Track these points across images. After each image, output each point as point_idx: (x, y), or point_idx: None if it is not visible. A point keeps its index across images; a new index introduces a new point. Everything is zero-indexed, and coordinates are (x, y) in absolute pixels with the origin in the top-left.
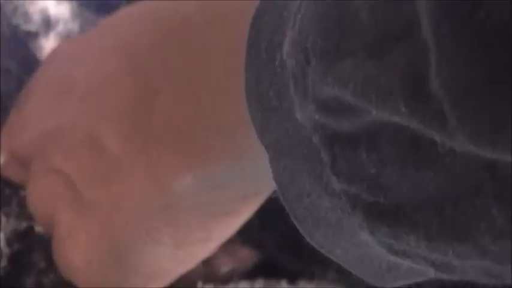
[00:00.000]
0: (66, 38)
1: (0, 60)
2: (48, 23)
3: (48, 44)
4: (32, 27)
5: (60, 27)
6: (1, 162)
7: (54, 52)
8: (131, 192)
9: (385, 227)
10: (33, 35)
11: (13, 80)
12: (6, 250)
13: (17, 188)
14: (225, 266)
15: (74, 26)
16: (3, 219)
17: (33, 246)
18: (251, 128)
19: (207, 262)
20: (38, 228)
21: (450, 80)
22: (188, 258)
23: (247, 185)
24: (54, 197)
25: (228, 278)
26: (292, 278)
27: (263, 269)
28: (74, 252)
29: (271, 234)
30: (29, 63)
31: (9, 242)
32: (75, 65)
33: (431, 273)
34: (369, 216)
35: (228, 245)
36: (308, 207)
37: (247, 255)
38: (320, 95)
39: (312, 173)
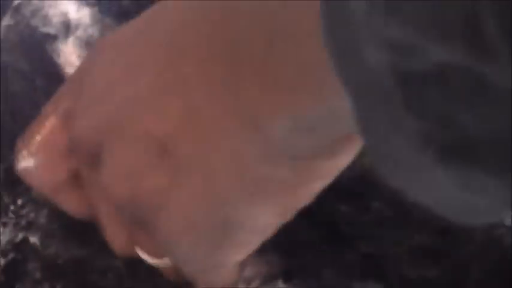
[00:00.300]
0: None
1: (16, 62)
2: (68, 27)
3: (66, 49)
4: (50, 30)
5: (79, 32)
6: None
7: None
8: (230, 145)
9: (459, 162)
10: (52, 38)
11: (27, 81)
12: (0, 260)
13: (15, 196)
14: (250, 269)
15: (94, 31)
16: (1, 229)
17: (28, 256)
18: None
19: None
20: (33, 239)
21: (506, 16)
22: (293, 203)
23: (341, 126)
24: (144, 165)
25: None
26: (288, 277)
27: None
28: (175, 219)
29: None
30: (44, 66)
31: (3, 253)
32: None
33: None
34: (440, 154)
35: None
36: (386, 148)
37: (273, 260)
38: (388, 35)
39: (388, 114)
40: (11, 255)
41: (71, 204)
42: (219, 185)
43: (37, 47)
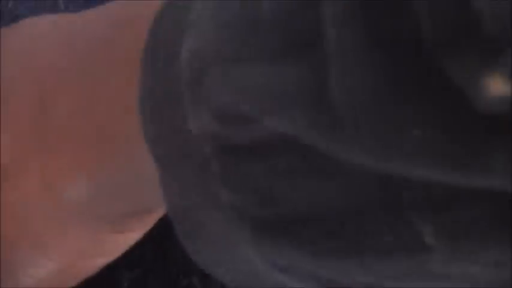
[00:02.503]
0: None
1: None
2: None
3: None
4: None
5: None
6: None
7: None
8: (23, 201)
9: (270, 239)
10: None
11: None
12: None
13: None
14: None
15: None
16: None
17: None
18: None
19: None
20: None
21: (351, 89)
22: (72, 275)
23: (141, 199)
24: None
25: None
26: None
27: None
28: None
29: None
30: None
31: None
32: None
33: None
34: (256, 230)
35: None
36: (196, 221)
37: None
38: (216, 103)
39: (202, 186)
40: None
41: None
42: (7, 238)
43: None
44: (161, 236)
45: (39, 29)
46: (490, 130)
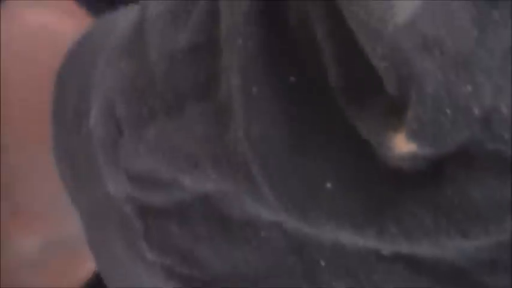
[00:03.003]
0: None
1: None
2: None
3: None
4: None
5: None
6: None
7: None
8: None
9: None
10: None
11: None
12: None
13: None
14: None
15: None
16: None
17: None
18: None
19: None
20: None
21: (259, 143)
22: None
23: (77, 249)
24: None
25: None
26: None
27: None
28: None
29: None
30: None
31: None
32: None
33: None
34: (183, 284)
35: None
36: (123, 274)
37: None
38: (132, 167)
39: (125, 241)
40: None
41: None
42: None
43: None
44: None
45: None
46: (395, 186)
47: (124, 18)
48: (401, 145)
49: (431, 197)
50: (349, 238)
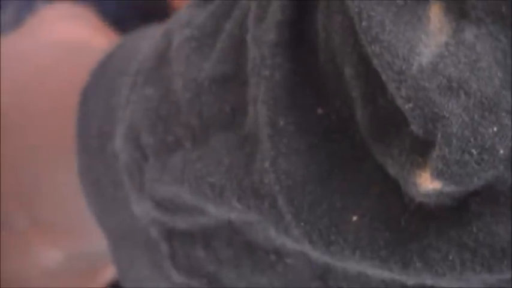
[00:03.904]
0: None
1: None
2: None
3: None
4: None
5: None
6: None
7: None
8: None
9: None
10: None
11: None
12: None
13: None
14: None
15: None
16: None
17: None
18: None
19: None
20: None
21: (285, 175)
22: None
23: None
24: None
25: None
26: None
27: None
28: None
29: None
30: None
31: None
32: None
33: None
34: None
35: None
36: None
37: None
38: (157, 193)
39: (152, 261)
40: None
41: None
42: None
43: None
44: None
45: None
46: (420, 221)
47: (147, 42)
48: (427, 183)
49: (456, 232)
50: (375, 271)
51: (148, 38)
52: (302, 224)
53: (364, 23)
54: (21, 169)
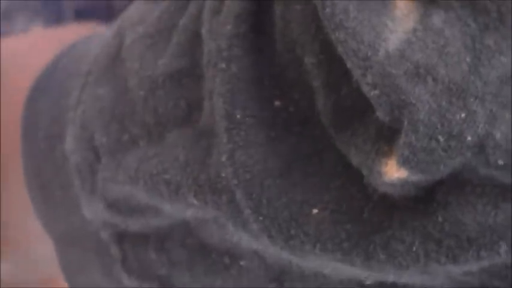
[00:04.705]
0: None
1: None
2: None
3: None
4: None
5: None
6: None
7: None
8: None
9: None
10: None
11: None
12: None
13: None
14: None
15: None
16: None
17: None
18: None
19: None
20: None
21: (243, 168)
22: None
23: (47, 274)
24: None
25: None
26: None
27: None
28: None
29: None
30: None
31: None
32: None
33: None
34: None
35: None
36: None
37: None
38: (110, 193)
39: (102, 266)
40: None
41: None
42: None
43: None
44: None
45: None
46: (384, 212)
47: (97, 43)
48: (392, 172)
49: (421, 223)
50: (333, 267)
51: (99, 38)
52: (261, 218)
53: (327, 10)
54: None
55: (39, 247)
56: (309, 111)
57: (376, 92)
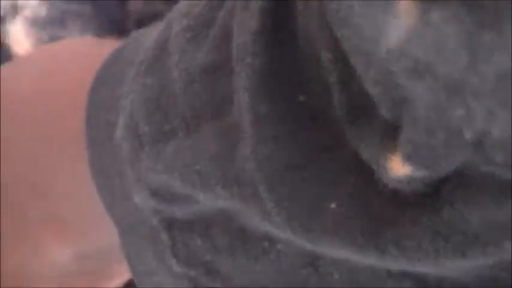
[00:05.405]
0: None
1: None
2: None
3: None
4: None
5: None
6: None
7: None
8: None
9: None
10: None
11: None
12: None
13: None
14: None
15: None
16: None
17: None
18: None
19: None
20: None
21: (266, 161)
22: None
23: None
24: None
25: None
26: None
27: None
28: None
29: None
30: None
31: None
32: None
33: None
34: None
35: None
36: (155, 285)
37: None
38: (152, 182)
39: (156, 253)
40: None
41: None
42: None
43: None
44: None
45: None
46: (395, 208)
47: (151, 34)
48: (398, 168)
49: (429, 219)
50: (355, 257)
51: (152, 31)
52: (283, 211)
53: (333, 6)
54: (37, 159)
55: (103, 236)
56: (327, 107)
57: (378, 87)
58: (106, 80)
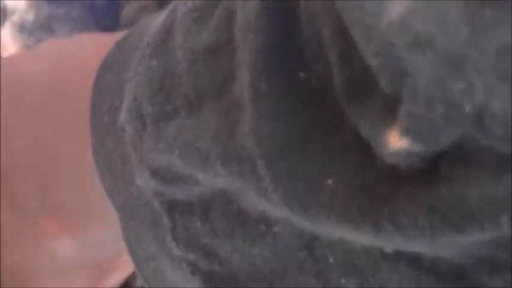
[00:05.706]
0: None
1: None
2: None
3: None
4: None
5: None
6: None
7: None
8: (15, 257)
9: None
10: None
11: None
12: None
13: None
14: None
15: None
16: None
17: None
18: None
19: None
20: None
21: (265, 138)
22: None
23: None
24: None
25: None
26: None
27: None
28: None
29: None
30: None
31: None
32: None
33: None
34: (206, 284)
35: None
36: (155, 270)
37: None
38: (153, 162)
39: (156, 237)
40: None
41: None
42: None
43: None
44: None
45: None
46: (392, 184)
47: (156, 19)
48: (395, 141)
49: (425, 195)
50: (351, 235)
51: (158, 16)
52: (280, 187)
53: None
54: (38, 148)
55: (104, 226)
56: (328, 84)
57: (378, 60)
58: (112, 66)
